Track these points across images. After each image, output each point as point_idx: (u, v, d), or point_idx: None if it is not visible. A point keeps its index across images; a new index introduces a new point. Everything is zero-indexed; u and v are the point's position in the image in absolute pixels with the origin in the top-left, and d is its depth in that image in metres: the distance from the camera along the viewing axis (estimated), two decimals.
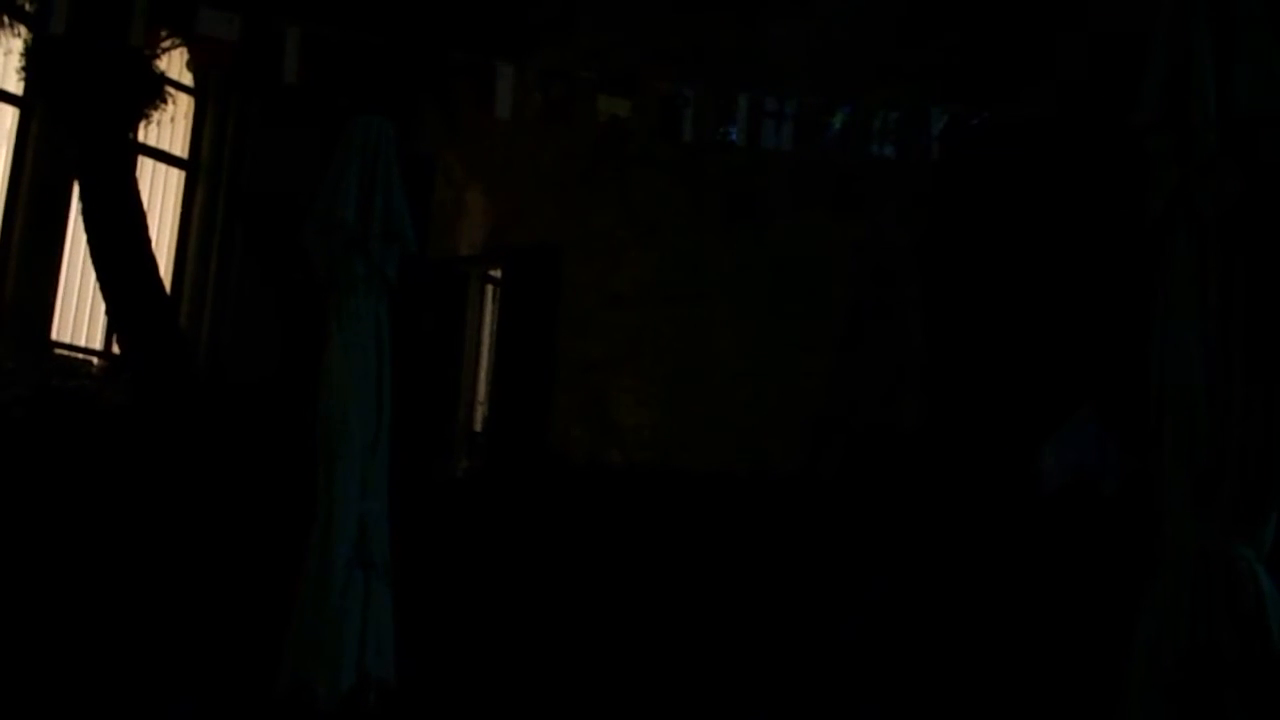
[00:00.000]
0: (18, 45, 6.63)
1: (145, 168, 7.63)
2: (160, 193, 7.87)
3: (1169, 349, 3.01)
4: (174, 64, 7.50)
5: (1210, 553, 2.88)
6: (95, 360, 7.40)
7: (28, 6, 6.39)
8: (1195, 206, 2.97)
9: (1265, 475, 2.90)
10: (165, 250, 7.73)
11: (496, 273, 8.36)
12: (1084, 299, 5.57)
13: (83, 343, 7.40)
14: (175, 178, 7.99)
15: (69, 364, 7.18)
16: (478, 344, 8.47)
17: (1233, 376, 2.91)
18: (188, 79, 7.87)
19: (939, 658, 5.01)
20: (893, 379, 6.27)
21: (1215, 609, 2.84)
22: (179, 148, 7.98)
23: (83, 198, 6.67)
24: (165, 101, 6.98)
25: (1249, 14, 3.01)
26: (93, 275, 6.82)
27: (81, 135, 6.60)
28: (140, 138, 7.38)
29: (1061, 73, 5.82)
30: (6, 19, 6.34)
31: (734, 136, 4.75)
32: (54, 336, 7.20)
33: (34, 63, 6.57)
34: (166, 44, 6.90)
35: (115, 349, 7.23)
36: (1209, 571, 2.87)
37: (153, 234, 7.01)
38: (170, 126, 7.79)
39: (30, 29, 6.57)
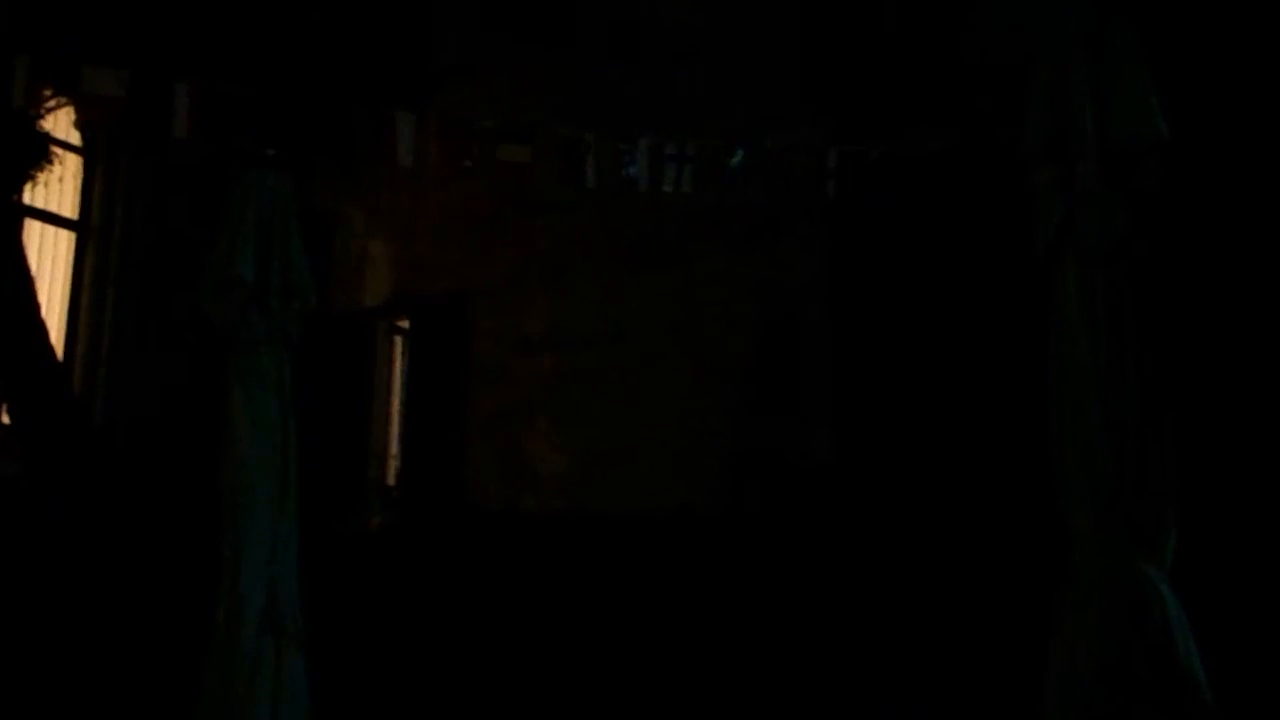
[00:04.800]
0: None
1: (33, 230, 7.37)
2: (50, 256, 7.61)
3: (1064, 374, 3.09)
4: (60, 123, 7.28)
5: (1116, 571, 2.94)
6: None
7: None
8: (1080, 237, 3.07)
9: (1163, 492, 2.98)
10: (56, 315, 7.46)
11: (405, 323, 8.26)
12: (987, 326, 5.71)
13: None
14: (65, 240, 7.73)
15: None
16: (387, 396, 8.33)
17: (1127, 400, 3.00)
18: (75, 138, 7.65)
19: (856, 689, 5.03)
20: (804, 412, 6.34)
21: (1123, 627, 2.90)
22: (68, 209, 7.73)
23: None
24: (51, 162, 6.78)
25: (1121, 47, 3.14)
26: None
27: None
28: (26, 199, 7.14)
29: (953, 108, 6.00)
30: None
31: (635, 180, 4.79)
32: None
33: None
34: (51, 103, 6.71)
35: (4, 418, 6.94)
36: (1116, 590, 2.93)
37: (42, 298, 6.76)
38: (58, 187, 7.55)
39: None
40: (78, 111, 7.20)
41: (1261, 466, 4.62)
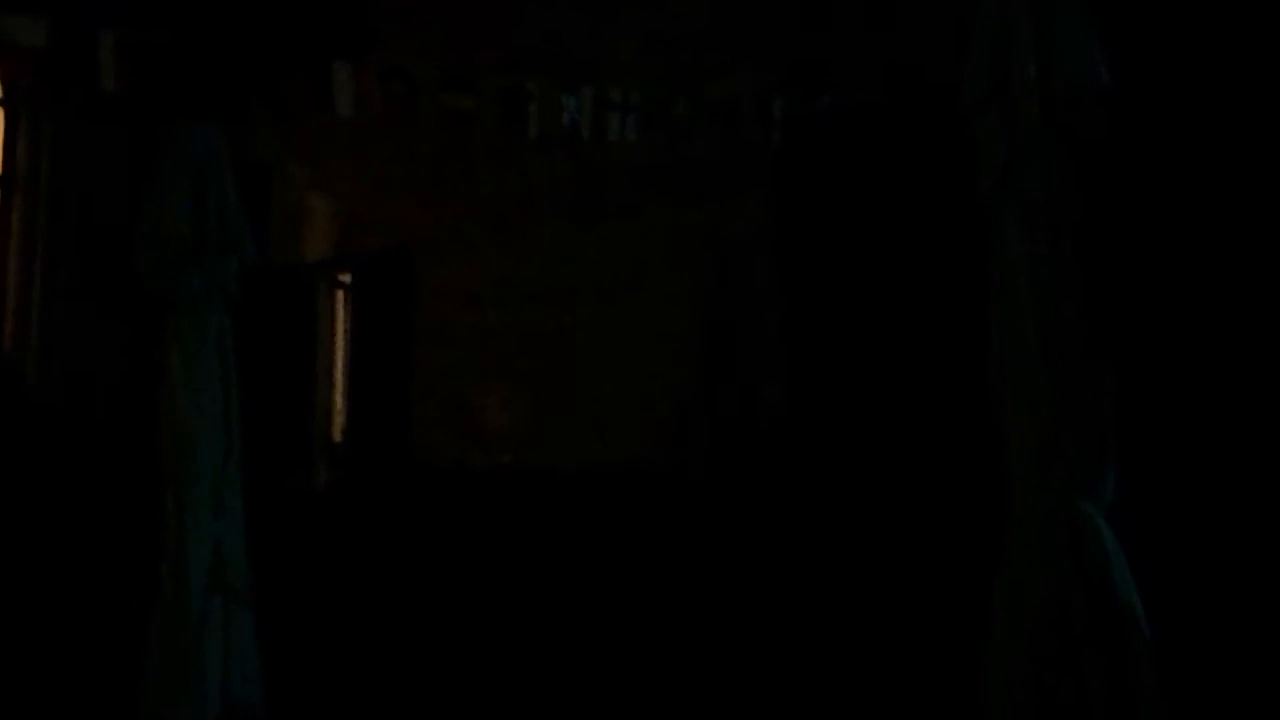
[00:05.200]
0: None
1: None
2: None
3: (1006, 319, 3.13)
4: None
5: (1057, 511, 3.00)
6: None
7: None
8: (1022, 185, 3.09)
9: (1103, 433, 3.04)
10: None
11: (346, 278, 8.14)
12: (934, 275, 5.76)
13: None
14: None
15: None
16: (331, 352, 8.23)
17: (1067, 343, 3.05)
18: None
19: (803, 646, 5.12)
20: (752, 368, 6.37)
21: (1064, 565, 2.97)
22: None
23: None
24: None
25: None
26: None
27: None
28: None
29: (898, 56, 5.99)
30: None
31: (578, 128, 4.75)
32: None
33: None
34: None
35: None
36: (1056, 529, 2.99)
37: None
38: None
39: None
40: None
41: (1194, 407, 4.74)
